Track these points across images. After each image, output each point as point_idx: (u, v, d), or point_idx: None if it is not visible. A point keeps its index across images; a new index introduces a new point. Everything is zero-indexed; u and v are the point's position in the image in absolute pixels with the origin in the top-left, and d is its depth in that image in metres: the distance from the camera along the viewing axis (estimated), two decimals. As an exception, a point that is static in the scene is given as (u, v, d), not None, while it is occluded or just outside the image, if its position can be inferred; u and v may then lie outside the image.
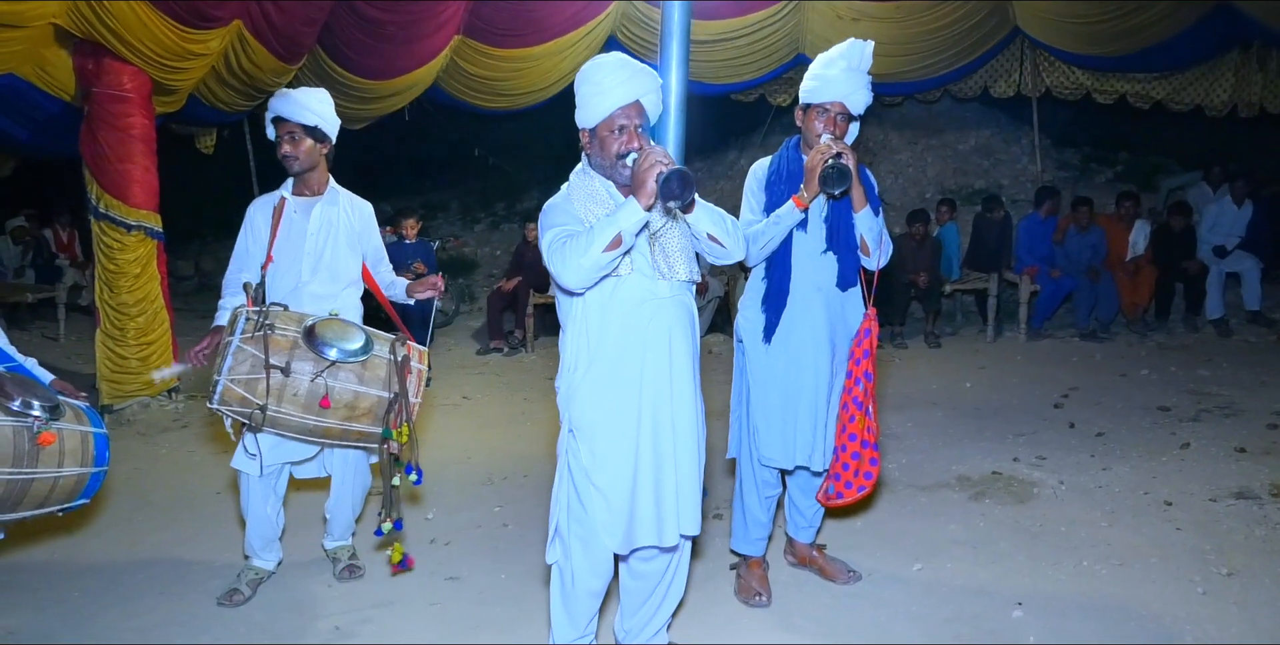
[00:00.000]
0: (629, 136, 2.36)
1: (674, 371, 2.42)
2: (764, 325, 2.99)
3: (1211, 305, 7.65)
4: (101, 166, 5.61)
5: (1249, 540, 3.50)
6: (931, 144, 10.73)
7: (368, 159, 11.25)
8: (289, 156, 3.21)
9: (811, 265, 2.96)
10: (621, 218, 2.21)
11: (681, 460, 2.43)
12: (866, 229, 2.93)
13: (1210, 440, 4.72)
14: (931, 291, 7.65)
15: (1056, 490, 4.09)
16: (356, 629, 3.00)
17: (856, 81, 2.87)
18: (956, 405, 5.65)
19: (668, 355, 2.41)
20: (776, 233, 2.88)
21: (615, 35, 7.89)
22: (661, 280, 2.41)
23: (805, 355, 2.96)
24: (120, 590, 3.31)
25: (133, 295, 5.79)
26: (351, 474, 3.39)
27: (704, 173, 10.98)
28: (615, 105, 2.35)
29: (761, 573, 3.21)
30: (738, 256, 2.47)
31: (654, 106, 2.43)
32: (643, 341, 2.39)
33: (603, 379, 2.41)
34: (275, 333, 2.86)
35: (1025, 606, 3.02)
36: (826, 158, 2.74)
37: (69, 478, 2.64)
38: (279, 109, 3.19)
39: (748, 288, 3.12)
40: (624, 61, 2.40)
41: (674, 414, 2.42)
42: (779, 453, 3.02)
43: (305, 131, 3.20)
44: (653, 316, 2.40)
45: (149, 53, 5.46)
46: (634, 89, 2.36)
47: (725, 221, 2.43)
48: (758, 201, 3.02)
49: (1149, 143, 10.59)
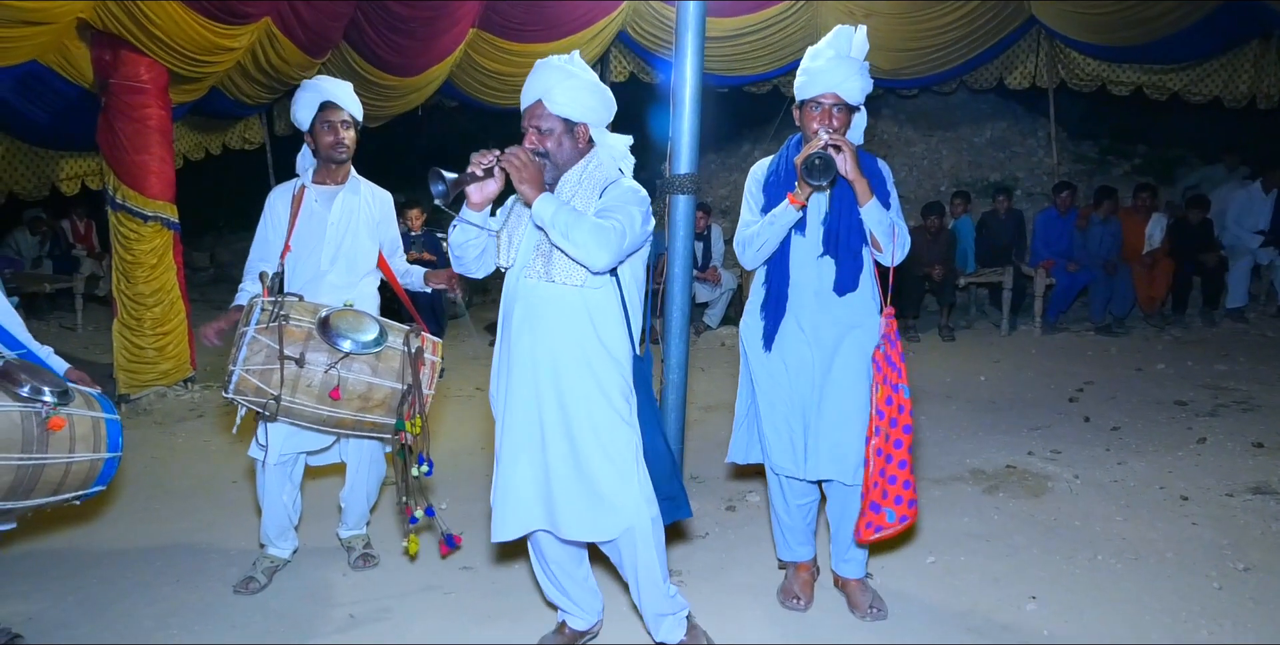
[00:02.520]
0: (525, 137, 2.49)
1: (577, 384, 2.45)
2: (763, 332, 2.90)
3: (1235, 294, 7.57)
4: (118, 157, 5.64)
5: (1265, 536, 3.47)
6: (947, 137, 10.66)
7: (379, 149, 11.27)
8: (341, 145, 3.24)
9: (809, 270, 2.83)
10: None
11: (584, 467, 2.44)
12: (875, 223, 2.74)
13: (1227, 435, 4.69)
14: (946, 284, 7.61)
15: (1071, 484, 4.07)
16: (371, 617, 3.02)
17: (847, 68, 2.74)
18: (971, 398, 5.62)
19: (550, 362, 2.45)
20: (772, 234, 2.76)
21: (627, 31, 7.88)
22: (545, 282, 2.46)
23: (803, 361, 2.85)
24: (137, 578, 3.34)
25: (149, 286, 5.83)
26: (367, 463, 3.41)
27: (717, 165, 10.94)
28: (523, 108, 2.51)
29: (808, 577, 3.09)
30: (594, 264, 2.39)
31: (563, 96, 2.45)
32: (530, 344, 2.47)
33: (496, 364, 2.59)
34: (290, 323, 2.88)
35: (1039, 600, 3.01)
36: (813, 148, 2.62)
37: (81, 464, 2.65)
38: (333, 94, 3.21)
39: (751, 292, 3.02)
40: (539, 66, 2.50)
41: (571, 426, 2.45)
42: (789, 461, 2.90)
43: (354, 122, 3.27)
44: (530, 318, 2.48)
45: (178, 48, 5.49)
46: (531, 91, 2.48)
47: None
48: (756, 203, 2.90)
49: (1167, 136, 10.50)
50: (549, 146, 2.47)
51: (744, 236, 2.86)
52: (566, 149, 2.49)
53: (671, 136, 3.74)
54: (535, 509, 2.48)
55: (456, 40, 7.32)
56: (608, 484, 2.44)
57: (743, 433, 3.11)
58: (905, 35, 7.94)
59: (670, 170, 3.74)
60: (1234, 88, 8.31)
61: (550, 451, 2.46)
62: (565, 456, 2.45)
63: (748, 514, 3.84)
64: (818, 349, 2.84)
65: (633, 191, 2.48)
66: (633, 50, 8.42)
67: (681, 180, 3.66)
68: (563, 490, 2.45)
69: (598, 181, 2.50)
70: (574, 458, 2.45)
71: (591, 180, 2.50)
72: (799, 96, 2.84)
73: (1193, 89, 8.42)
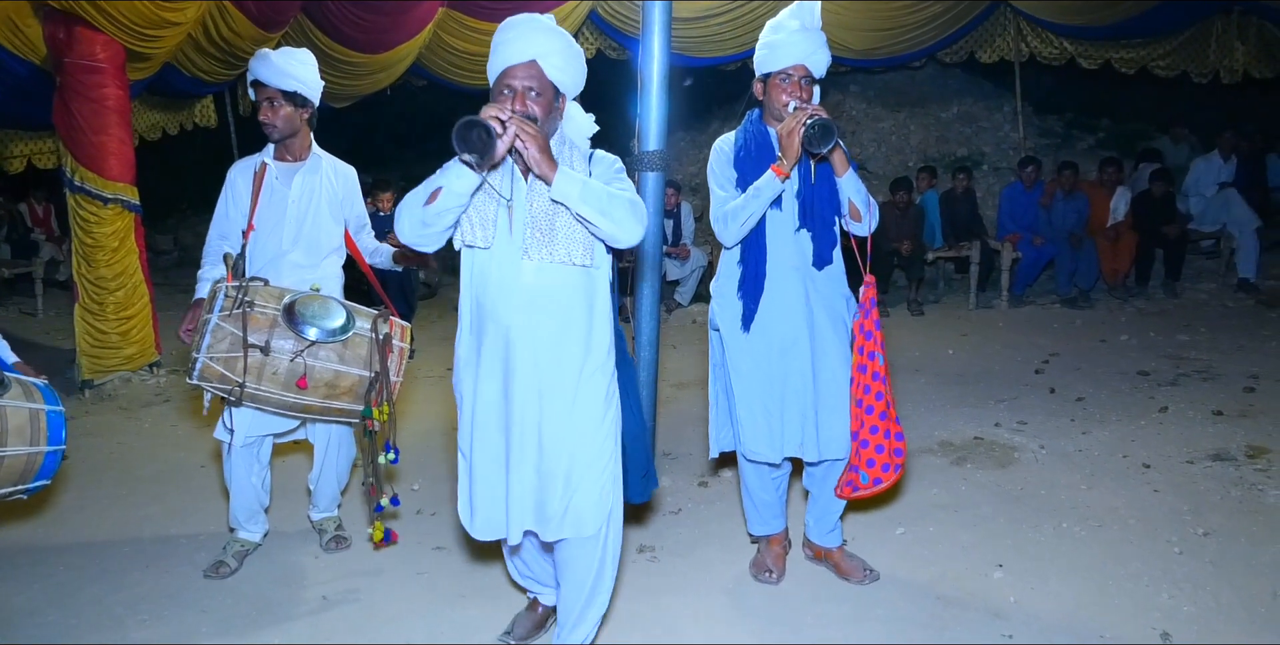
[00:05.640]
0: (503, 100, 2.20)
1: (555, 371, 2.26)
2: (742, 313, 2.83)
3: (1244, 265, 7.68)
4: (76, 138, 5.50)
5: (1225, 501, 3.56)
6: (914, 112, 10.69)
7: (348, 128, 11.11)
8: (268, 124, 3.13)
9: (786, 245, 2.79)
10: (446, 173, 2.16)
11: (548, 465, 2.27)
12: (854, 192, 2.75)
13: (1188, 404, 4.78)
14: (914, 259, 7.67)
15: (1037, 454, 4.14)
16: (344, 599, 3.01)
17: (814, 41, 2.71)
18: (939, 372, 5.69)
19: (531, 351, 2.25)
20: (757, 206, 2.70)
21: (597, 11, 7.81)
22: (550, 263, 2.23)
23: (787, 340, 2.81)
24: (106, 565, 3.30)
25: (111, 269, 5.72)
26: (335, 446, 3.38)
27: (686, 142, 10.91)
28: (502, 65, 2.22)
29: (779, 550, 3.09)
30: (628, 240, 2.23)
31: (561, 61, 2.22)
32: (504, 332, 2.26)
33: (465, 354, 2.36)
34: (254, 310, 2.83)
35: (1005, 568, 3.06)
36: (804, 119, 2.58)
37: (16, 458, 2.51)
38: (258, 72, 3.09)
39: (720, 274, 2.94)
40: (523, 20, 2.23)
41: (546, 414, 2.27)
42: (764, 445, 2.86)
43: (285, 97, 3.11)
44: (510, 303, 2.25)
45: (125, 21, 5.34)
46: (523, 48, 2.20)
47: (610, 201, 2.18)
48: (727, 179, 2.83)
49: (1130, 110, 10.61)
50: (538, 112, 2.20)
51: (723, 212, 2.78)
52: (549, 119, 2.25)
53: (640, 114, 3.72)
54: (525, 512, 2.30)
55: (425, 18, 7.21)
56: (589, 481, 2.30)
57: (721, 423, 3.05)
58: (875, 15, 7.93)
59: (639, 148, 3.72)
60: (1200, 61, 8.42)
61: (546, 452, 2.28)
62: (558, 456, 2.28)
63: (720, 489, 3.87)
64: (802, 327, 2.80)
65: (618, 163, 2.38)
66: (601, 30, 8.35)
67: (651, 157, 3.66)
68: (550, 491, 2.28)
69: (578, 155, 2.34)
70: (566, 457, 2.29)
71: (570, 154, 2.31)
72: (764, 69, 2.79)
73: (1161, 63, 8.53)
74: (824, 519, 3.05)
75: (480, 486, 2.34)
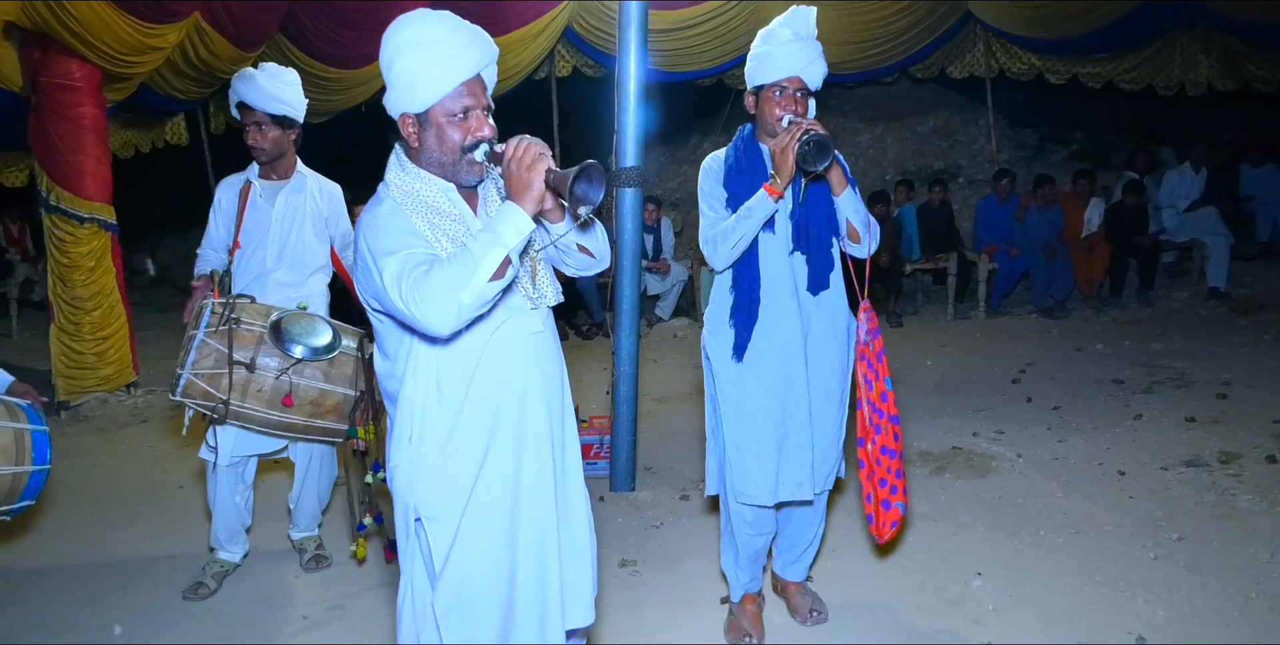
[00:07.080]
0: (478, 122, 1.82)
1: (564, 430, 1.97)
2: (734, 341, 2.61)
3: (1215, 274, 7.78)
4: (52, 158, 5.48)
5: (1199, 506, 3.60)
6: (891, 126, 10.83)
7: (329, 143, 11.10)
8: (256, 148, 3.13)
9: (780, 269, 2.60)
10: (506, 231, 1.65)
11: (576, 542, 1.97)
12: (852, 212, 2.58)
13: (1162, 411, 4.85)
14: (893, 271, 7.74)
15: (1014, 463, 4.18)
16: (325, 619, 3.00)
17: (810, 51, 2.52)
18: (918, 382, 5.73)
19: (545, 409, 1.90)
20: (749, 228, 2.49)
21: (572, 27, 7.86)
22: (533, 310, 1.91)
23: (783, 371, 2.59)
24: (84, 587, 3.27)
25: (87, 289, 5.68)
26: (317, 465, 3.37)
27: (666, 158, 10.98)
28: (457, 80, 1.79)
29: (755, 609, 2.85)
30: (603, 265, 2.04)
31: (493, 80, 1.90)
32: (519, 394, 1.86)
33: (465, 448, 1.83)
34: (241, 327, 2.84)
35: (985, 575, 3.09)
36: (798, 134, 2.39)
37: (1, 478, 2.49)
38: (244, 95, 3.07)
39: (712, 300, 2.74)
40: (457, 21, 1.85)
41: (565, 484, 1.95)
42: (756, 487, 2.62)
43: (273, 121, 3.09)
44: (526, 359, 1.88)
45: (106, 49, 5.33)
46: (476, 58, 1.81)
47: None
48: (717, 198, 2.61)
49: (1103, 123, 10.78)
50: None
51: (713, 233, 2.56)
52: None
53: (617, 131, 3.76)
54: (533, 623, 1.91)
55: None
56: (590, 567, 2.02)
57: (717, 459, 2.78)
58: (845, 27, 8.03)
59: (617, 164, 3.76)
60: (1166, 75, 8.58)
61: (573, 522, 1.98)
62: (580, 535, 1.99)
63: (701, 503, 3.88)
64: (798, 356, 2.61)
65: None
66: (578, 47, 8.40)
67: (628, 173, 3.69)
68: (558, 579, 1.92)
69: None
70: (581, 536, 2.00)
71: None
72: (757, 81, 2.58)
73: (1126, 77, 8.68)
74: (792, 551, 2.90)
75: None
